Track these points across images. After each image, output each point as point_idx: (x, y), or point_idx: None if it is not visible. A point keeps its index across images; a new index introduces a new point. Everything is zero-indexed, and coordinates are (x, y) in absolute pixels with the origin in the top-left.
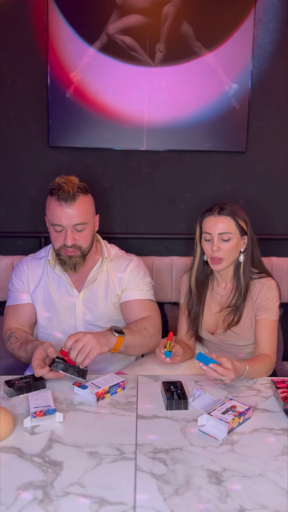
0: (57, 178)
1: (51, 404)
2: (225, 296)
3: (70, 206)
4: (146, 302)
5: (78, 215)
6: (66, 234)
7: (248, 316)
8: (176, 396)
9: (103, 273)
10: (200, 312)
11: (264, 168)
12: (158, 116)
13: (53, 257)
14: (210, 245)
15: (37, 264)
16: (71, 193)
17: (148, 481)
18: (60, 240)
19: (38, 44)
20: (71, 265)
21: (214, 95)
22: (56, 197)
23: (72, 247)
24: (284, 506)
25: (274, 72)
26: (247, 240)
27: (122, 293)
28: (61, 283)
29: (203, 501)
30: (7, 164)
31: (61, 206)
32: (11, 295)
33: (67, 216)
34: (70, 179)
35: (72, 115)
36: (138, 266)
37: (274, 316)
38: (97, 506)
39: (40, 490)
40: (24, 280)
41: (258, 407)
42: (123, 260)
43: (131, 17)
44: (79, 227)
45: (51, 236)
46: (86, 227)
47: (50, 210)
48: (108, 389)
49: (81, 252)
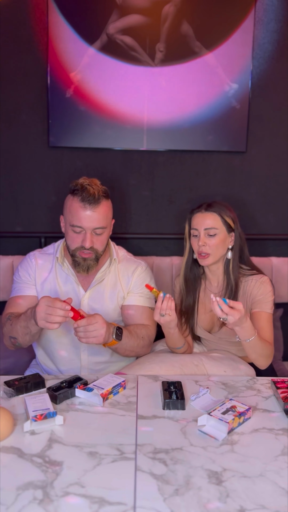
0: (80, 179)
1: (50, 407)
2: (218, 294)
3: (94, 209)
4: (147, 310)
5: (100, 219)
6: (86, 236)
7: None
8: (175, 396)
9: (111, 274)
10: (194, 311)
11: (264, 168)
12: (158, 116)
13: (62, 255)
14: (197, 240)
15: (46, 260)
16: (96, 196)
17: (148, 481)
18: (77, 242)
19: (38, 44)
20: (84, 267)
21: (214, 95)
22: (79, 198)
23: (89, 250)
24: (284, 506)
25: (274, 72)
26: (234, 237)
27: (127, 295)
28: (68, 281)
29: (203, 501)
30: (7, 164)
31: (84, 208)
32: (16, 287)
33: (90, 219)
34: (95, 181)
35: (72, 115)
36: (145, 271)
37: (269, 310)
38: (97, 506)
39: (40, 490)
40: (31, 273)
41: (258, 407)
42: (132, 263)
43: (131, 17)
44: (98, 230)
45: (67, 236)
46: (105, 231)
47: (71, 211)
48: (111, 389)
49: (96, 255)
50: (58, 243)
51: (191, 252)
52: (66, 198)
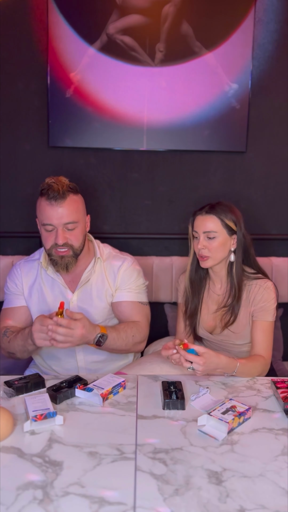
0: (46, 179)
1: (50, 407)
2: (221, 296)
3: (60, 205)
4: (137, 305)
5: (69, 213)
6: (57, 233)
7: (245, 316)
8: (175, 396)
9: (96, 273)
10: (197, 311)
11: (264, 168)
12: (158, 116)
13: (45, 259)
14: (197, 242)
15: (31, 267)
16: (61, 192)
17: (148, 481)
18: (51, 240)
19: (38, 44)
20: (63, 265)
21: (214, 95)
22: (46, 197)
23: (64, 246)
24: (284, 506)
25: (274, 72)
26: (237, 240)
27: (115, 292)
28: (54, 284)
29: (203, 501)
30: (7, 164)
31: (51, 205)
32: (7, 298)
33: (58, 215)
34: (60, 179)
35: (72, 115)
36: (131, 266)
37: (270, 318)
38: (97, 506)
39: (40, 490)
40: (18, 283)
41: (258, 407)
42: (117, 260)
43: (131, 17)
44: (70, 225)
45: (42, 237)
46: (77, 226)
47: (40, 210)
48: (111, 389)
49: (73, 252)
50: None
51: (195, 253)
52: (37, 200)
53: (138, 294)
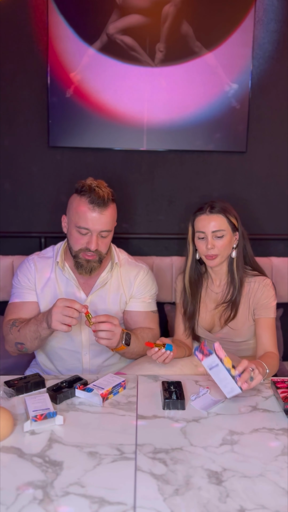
0: (88, 180)
1: (50, 407)
2: (220, 293)
3: (102, 212)
4: (149, 315)
5: (107, 222)
6: (91, 238)
7: (244, 312)
8: (175, 396)
9: (113, 278)
10: (196, 310)
11: (264, 168)
12: (158, 116)
13: (62, 259)
14: (205, 243)
15: (45, 264)
16: (105, 200)
17: (148, 481)
18: (82, 243)
19: (38, 44)
20: (88, 269)
21: (214, 95)
22: (88, 200)
23: (94, 252)
24: (284, 506)
25: (274, 72)
26: (238, 236)
27: (129, 300)
28: (69, 285)
29: (203, 501)
30: (7, 164)
31: (93, 211)
32: (16, 292)
33: (97, 222)
34: (102, 183)
35: (72, 115)
36: (147, 275)
37: (272, 314)
38: (97, 506)
39: (40, 490)
40: (30, 278)
41: (258, 407)
42: (133, 267)
43: (131, 17)
44: (104, 233)
45: (71, 237)
46: (110, 234)
47: (78, 212)
48: (111, 389)
49: (99, 257)
50: (58, 246)
51: (194, 254)
52: (72, 198)
53: (150, 303)
